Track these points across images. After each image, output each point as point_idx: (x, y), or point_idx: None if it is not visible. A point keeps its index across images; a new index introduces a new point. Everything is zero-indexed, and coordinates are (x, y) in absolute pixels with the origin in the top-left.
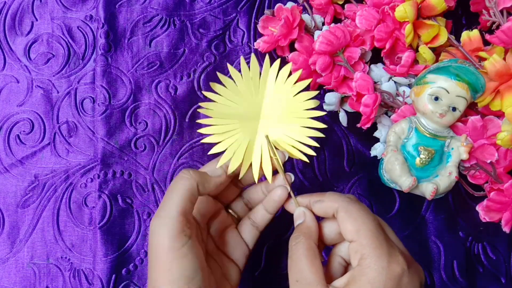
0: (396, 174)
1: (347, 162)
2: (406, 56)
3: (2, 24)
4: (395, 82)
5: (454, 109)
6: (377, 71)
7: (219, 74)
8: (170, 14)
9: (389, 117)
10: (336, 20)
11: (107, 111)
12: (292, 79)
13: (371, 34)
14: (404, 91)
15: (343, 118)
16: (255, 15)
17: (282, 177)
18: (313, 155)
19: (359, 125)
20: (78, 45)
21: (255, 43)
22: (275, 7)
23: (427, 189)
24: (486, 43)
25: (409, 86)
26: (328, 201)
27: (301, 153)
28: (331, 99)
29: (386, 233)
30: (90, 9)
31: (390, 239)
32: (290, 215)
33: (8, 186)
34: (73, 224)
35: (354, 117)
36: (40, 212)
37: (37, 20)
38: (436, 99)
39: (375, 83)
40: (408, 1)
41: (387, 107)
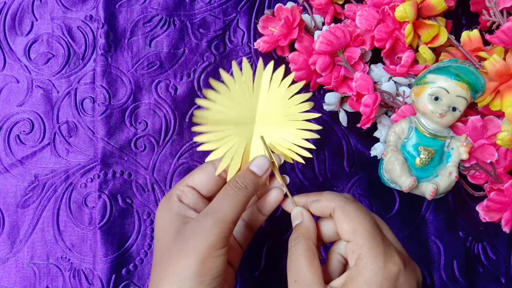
0: (396, 174)
1: (347, 162)
2: (406, 56)
3: (2, 24)
4: (395, 82)
5: (454, 109)
6: (377, 71)
7: (211, 80)
8: (170, 14)
9: (389, 117)
10: (336, 20)
11: (107, 111)
12: (286, 82)
13: (371, 34)
14: (404, 91)
15: (343, 118)
16: (255, 15)
17: (278, 179)
18: (309, 157)
19: (359, 125)
20: (78, 45)
21: (255, 43)
22: (275, 7)
23: (427, 189)
24: (486, 43)
25: (409, 86)
26: (325, 200)
27: (297, 155)
28: (331, 99)
29: (383, 232)
30: (90, 9)
31: (387, 238)
32: (290, 215)
33: (8, 186)
34: (73, 224)
35: (354, 117)
36: (40, 212)
37: (37, 20)
38: (436, 99)
39: (375, 83)
40: (408, 1)
41: (387, 107)
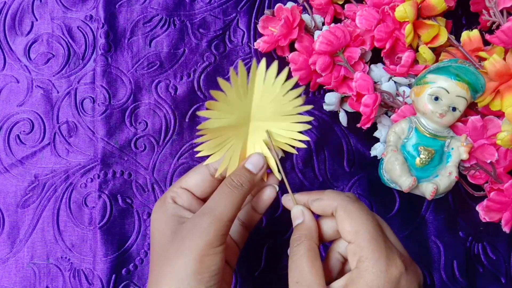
0: (396, 174)
1: (347, 162)
2: (406, 56)
3: (2, 24)
4: (395, 82)
5: (454, 109)
6: (377, 71)
7: (212, 91)
8: (170, 14)
9: (389, 117)
10: (336, 20)
11: (107, 111)
12: (280, 79)
13: (371, 34)
14: (404, 91)
15: (343, 118)
16: (255, 15)
17: (276, 173)
18: (304, 147)
19: (359, 125)
20: (78, 45)
21: (255, 43)
22: (275, 7)
23: (427, 189)
24: (486, 43)
25: (409, 86)
26: (327, 199)
27: (293, 147)
28: (331, 99)
29: (385, 234)
30: (90, 9)
31: (389, 240)
32: (290, 215)
33: (8, 186)
34: (73, 224)
35: (354, 117)
36: (40, 212)
37: (37, 20)
38: (436, 99)
39: (375, 83)
40: (408, 1)
41: (387, 107)
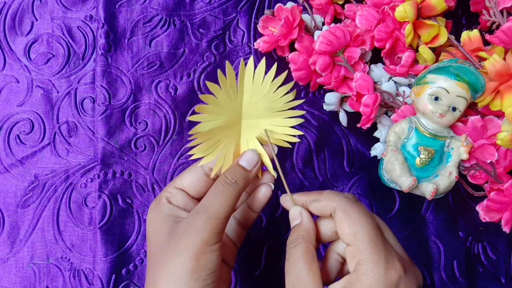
0: (396, 174)
1: (347, 162)
2: (406, 56)
3: (2, 24)
4: (395, 82)
5: (454, 109)
6: (377, 71)
7: (201, 96)
8: (170, 14)
9: (389, 117)
10: (336, 20)
11: (107, 111)
12: (269, 77)
13: (371, 34)
14: (404, 91)
15: (343, 118)
16: (255, 15)
17: (271, 170)
18: (298, 141)
19: (359, 125)
20: (78, 45)
21: (255, 43)
22: (275, 7)
23: (427, 189)
24: (486, 43)
25: (409, 86)
26: (325, 200)
27: (287, 142)
28: (331, 99)
29: (384, 236)
30: (90, 9)
31: (388, 242)
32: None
33: (8, 186)
34: (73, 224)
35: (354, 117)
36: (40, 212)
37: (37, 20)
38: (436, 99)
39: (375, 83)
40: (408, 1)
41: (387, 107)
